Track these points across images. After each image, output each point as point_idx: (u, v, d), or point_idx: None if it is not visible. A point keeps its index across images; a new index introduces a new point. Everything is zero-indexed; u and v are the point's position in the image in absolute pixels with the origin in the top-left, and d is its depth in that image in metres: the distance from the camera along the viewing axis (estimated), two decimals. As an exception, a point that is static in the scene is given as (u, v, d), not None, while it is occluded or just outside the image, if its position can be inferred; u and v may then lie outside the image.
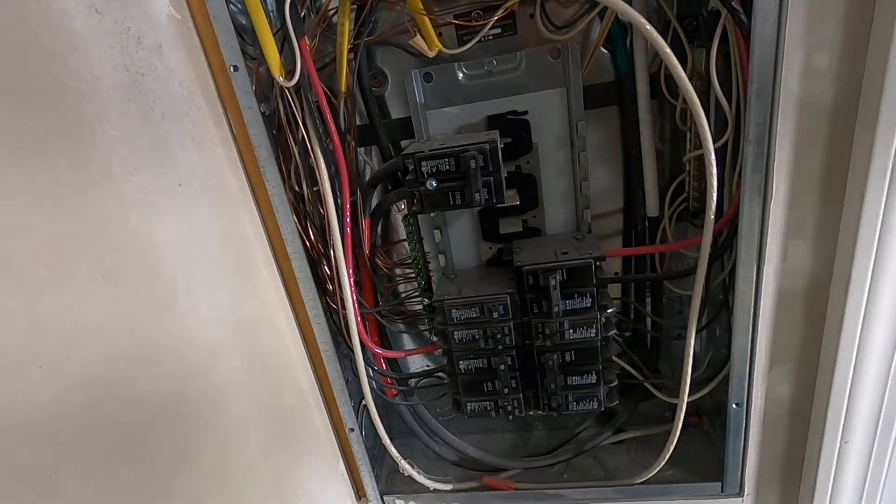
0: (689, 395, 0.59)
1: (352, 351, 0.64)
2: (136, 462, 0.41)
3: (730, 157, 0.53)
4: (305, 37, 0.51)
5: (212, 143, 0.55)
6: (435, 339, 0.74)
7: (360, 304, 0.63)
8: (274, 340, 0.63)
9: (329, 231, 0.59)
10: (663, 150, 0.61)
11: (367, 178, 0.65)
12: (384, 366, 0.70)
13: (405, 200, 0.66)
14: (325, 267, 0.64)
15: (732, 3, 0.46)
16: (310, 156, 0.58)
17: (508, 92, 0.59)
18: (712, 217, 0.50)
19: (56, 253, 0.36)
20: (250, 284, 0.59)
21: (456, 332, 0.59)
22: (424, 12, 0.53)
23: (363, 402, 0.69)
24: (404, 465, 0.72)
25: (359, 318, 0.62)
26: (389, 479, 0.77)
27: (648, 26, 0.46)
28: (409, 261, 0.70)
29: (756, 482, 0.66)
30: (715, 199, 0.50)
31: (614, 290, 0.68)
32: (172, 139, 0.49)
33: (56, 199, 0.36)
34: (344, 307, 0.61)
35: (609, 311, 0.56)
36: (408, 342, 0.79)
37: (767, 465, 0.64)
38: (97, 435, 0.37)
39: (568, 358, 0.58)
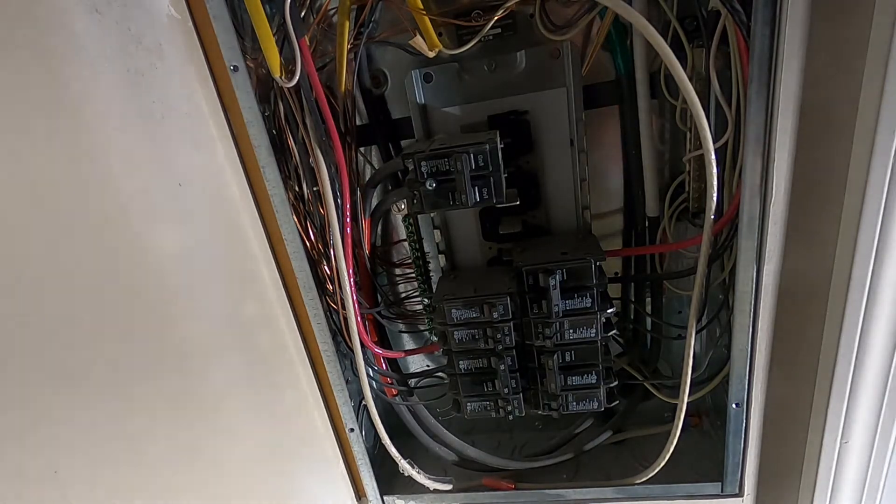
0: (689, 395, 0.59)
1: (352, 351, 0.64)
2: (133, 461, 0.41)
3: (730, 157, 0.53)
4: (305, 37, 0.51)
5: (212, 143, 0.54)
6: (435, 339, 0.74)
7: (360, 304, 0.63)
8: (274, 340, 0.63)
9: (329, 231, 0.59)
10: (663, 150, 0.61)
11: (367, 178, 0.65)
12: (384, 366, 0.70)
13: (405, 200, 0.66)
14: (325, 267, 0.64)
15: (732, 3, 0.46)
16: (310, 156, 0.58)
17: (508, 92, 0.58)
18: (712, 217, 0.51)
19: (55, 252, 0.36)
20: (250, 284, 0.59)
21: (456, 332, 0.59)
22: (424, 12, 0.53)
23: (363, 402, 0.69)
24: (404, 465, 0.72)
25: (359, 318, 0.62)
26: (389, 479, 0.77)
27: (649, 26, 0.46)
28: (409, 261, 0.70)
29: (756, 482, 0.66)
30: (715, 199, 0.50)
31: (614, 290, 0.68)
32: (172, 139, 0.49)
33: (56, 198, 0.36)
34: (344, 307, 0.61)
35: (609, 310, 0.56)
36: (408, 342, 0.79)
37: (767, 465, 0.64)
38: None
39: (568, 358, 0.58)
